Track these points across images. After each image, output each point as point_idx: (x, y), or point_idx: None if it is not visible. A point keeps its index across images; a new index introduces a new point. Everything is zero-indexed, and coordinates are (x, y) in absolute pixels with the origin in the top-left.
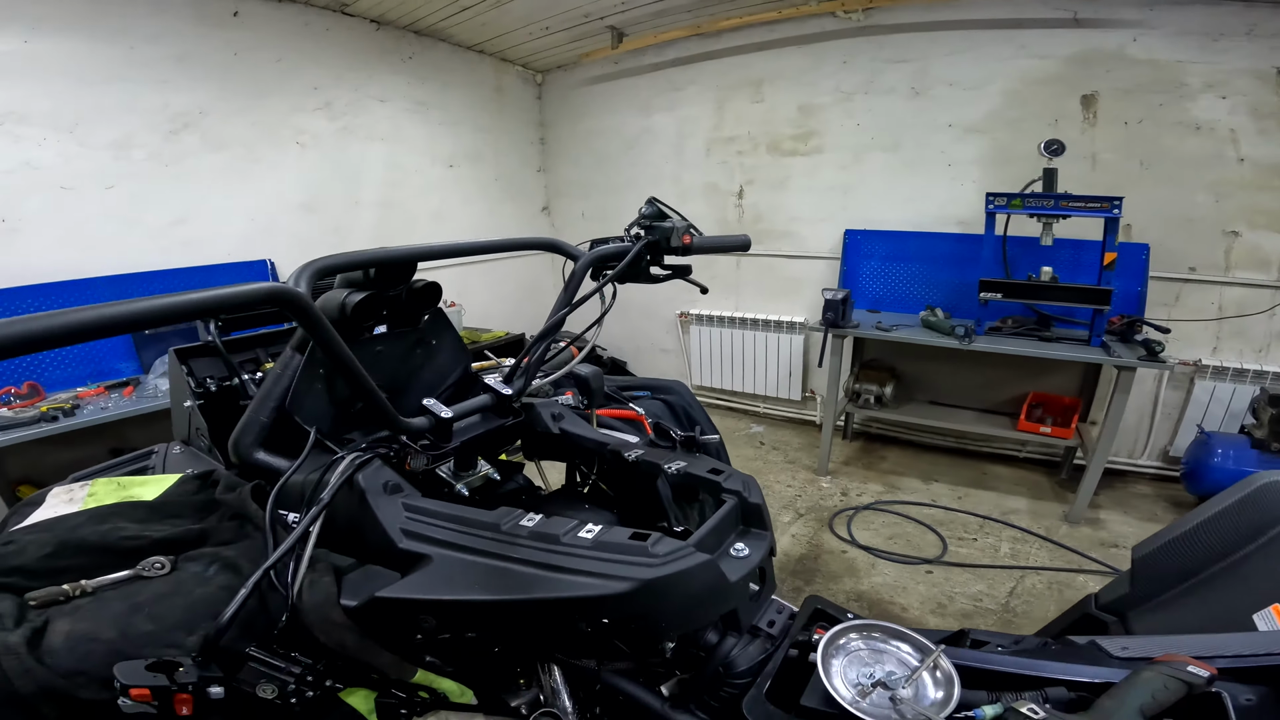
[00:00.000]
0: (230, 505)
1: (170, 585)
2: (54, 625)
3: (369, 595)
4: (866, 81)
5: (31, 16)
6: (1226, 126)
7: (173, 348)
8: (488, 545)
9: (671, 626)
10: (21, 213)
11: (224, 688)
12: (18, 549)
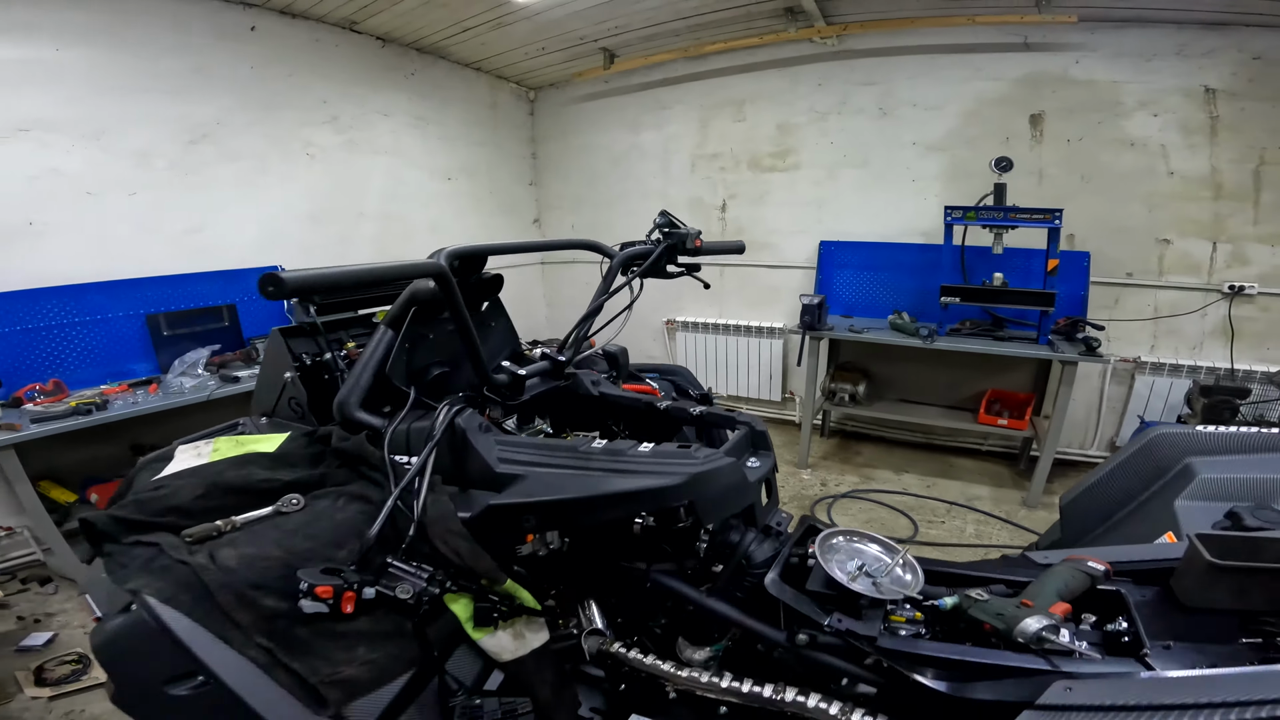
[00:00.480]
0: (347, 452)
1: (310, 516)
2: (220, 552)
3: (483, 505)
4: (839, 102)
5: (62, 26)
6: (1158, 142)
7: (276, 327)
8: (568, 461)
9: (711, 511)
10: (48, 217)
11: (375, 590)
12: (171, 492)
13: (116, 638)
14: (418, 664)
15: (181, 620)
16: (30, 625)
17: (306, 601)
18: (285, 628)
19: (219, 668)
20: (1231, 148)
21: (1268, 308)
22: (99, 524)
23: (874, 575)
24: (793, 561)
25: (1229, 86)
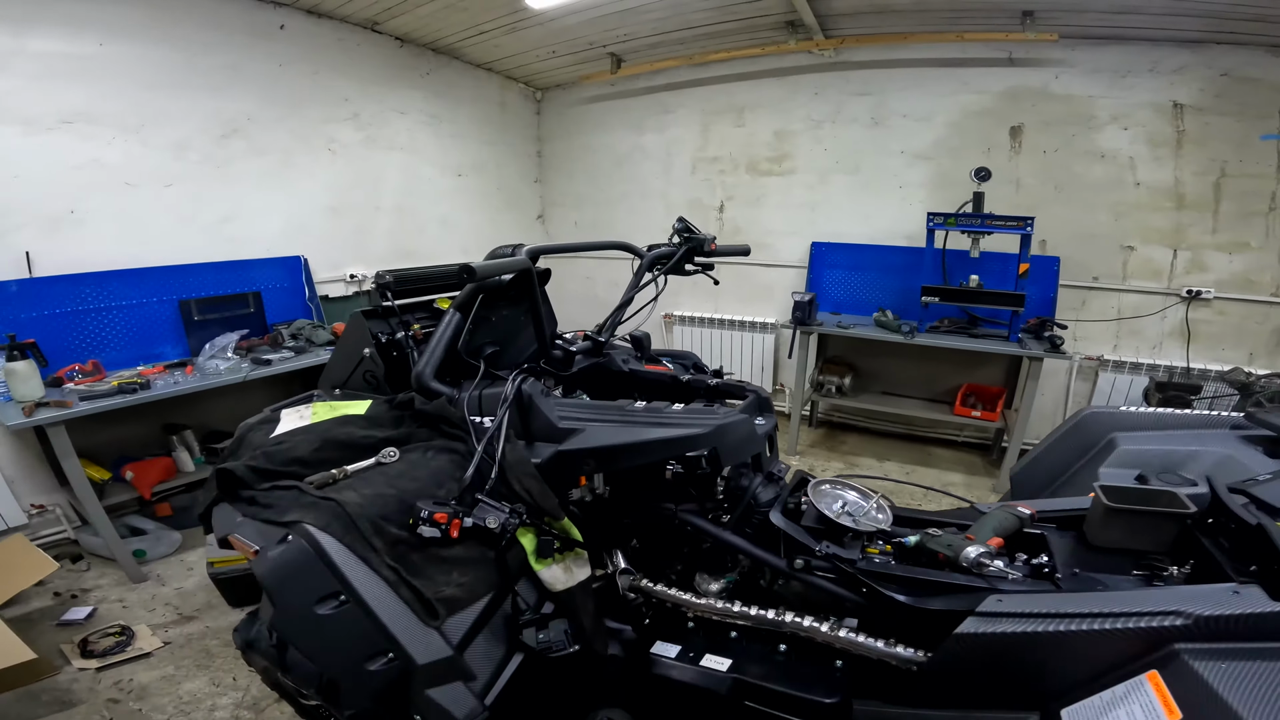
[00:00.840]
0: (428, 414)
1: (406, 465)
2: (344, 494)
3: (552, 452)
4: (834, 111)
5: (106, 22)
6: (1127, 154)
7: (358, 309)
8: (617, 417)
9: (729, 455)
10: (89, 206)
11: (472, 520)
12: (291, 446)
13: (280, 564)
14: (496, 588)
15: (334, 544)
16: (68, 600)
17: (425, 527)
18: (404, 553)
19: (358, 584)
20: (1195, 160)
21: (1223, 311)
22: (238, 472)
23: (854, 514)
24: (790, 505)
25: (1196, 102)
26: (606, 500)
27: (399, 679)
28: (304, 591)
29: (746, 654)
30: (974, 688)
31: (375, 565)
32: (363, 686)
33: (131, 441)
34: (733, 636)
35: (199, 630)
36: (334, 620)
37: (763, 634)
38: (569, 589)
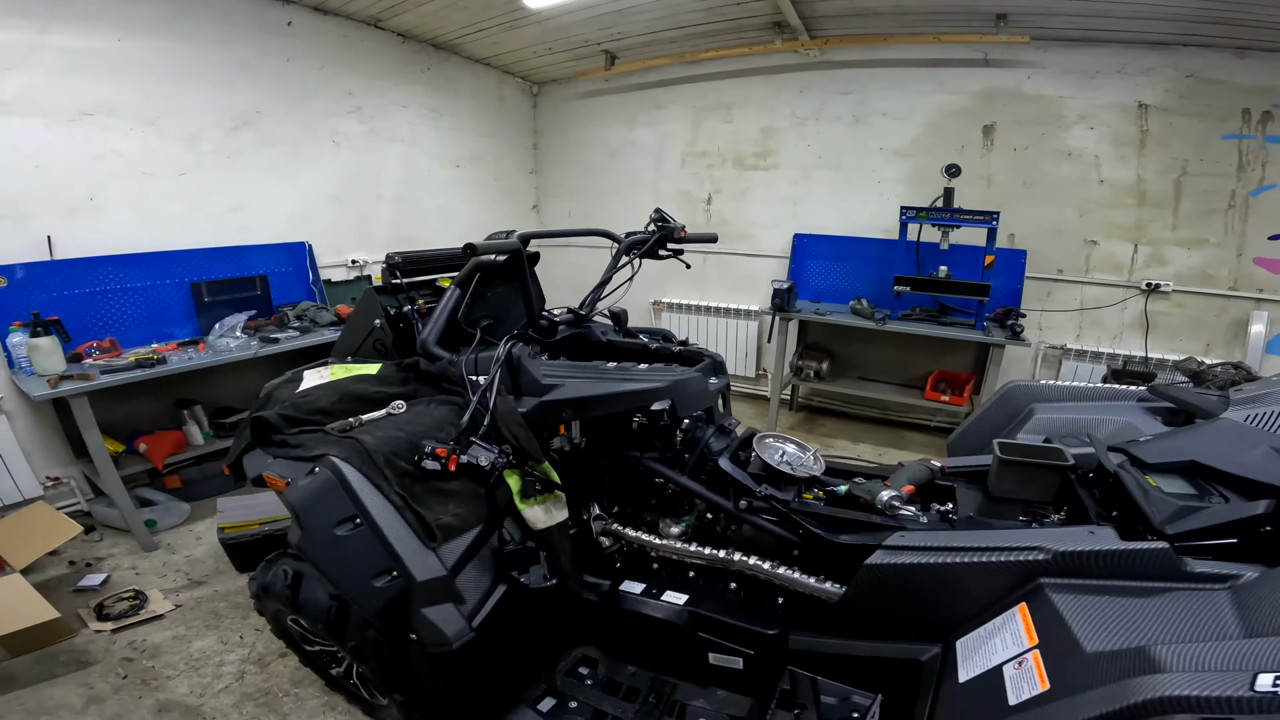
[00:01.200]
0: (432, 374)
1: (413, 414)
2: (361, 436)
3: (536, 402)
4: (817, 109)
5: (123, 18)
6: (1092, 153)
7: (370, 286)
8: (591, 375)
9: (685, 407)
10: (107, 194)
11: (467, 457)
12: (315, 399)
13: (309, 491)
14: (485, 521)
15: (354, 473)
16: (83, 569)
17: (429, 461)
18: (410, 484)
19: (372, 508)
20: (1157, 159)
21: (1181, 304)
22: (271, 419)
23: (792, 463)
24: (741, 457)
25: (1161, 102)
26: (583, 451)
27: (400, 596)
28: (326, 515)
29: (701, 591)
30: (886, 619)
31: (386, 492)
32: (370, 601)
33: (143, 417)
34: (690, 576)
35: (208, 594)
36: (350, 540)
37: (716, 573)
38: (549, 528)
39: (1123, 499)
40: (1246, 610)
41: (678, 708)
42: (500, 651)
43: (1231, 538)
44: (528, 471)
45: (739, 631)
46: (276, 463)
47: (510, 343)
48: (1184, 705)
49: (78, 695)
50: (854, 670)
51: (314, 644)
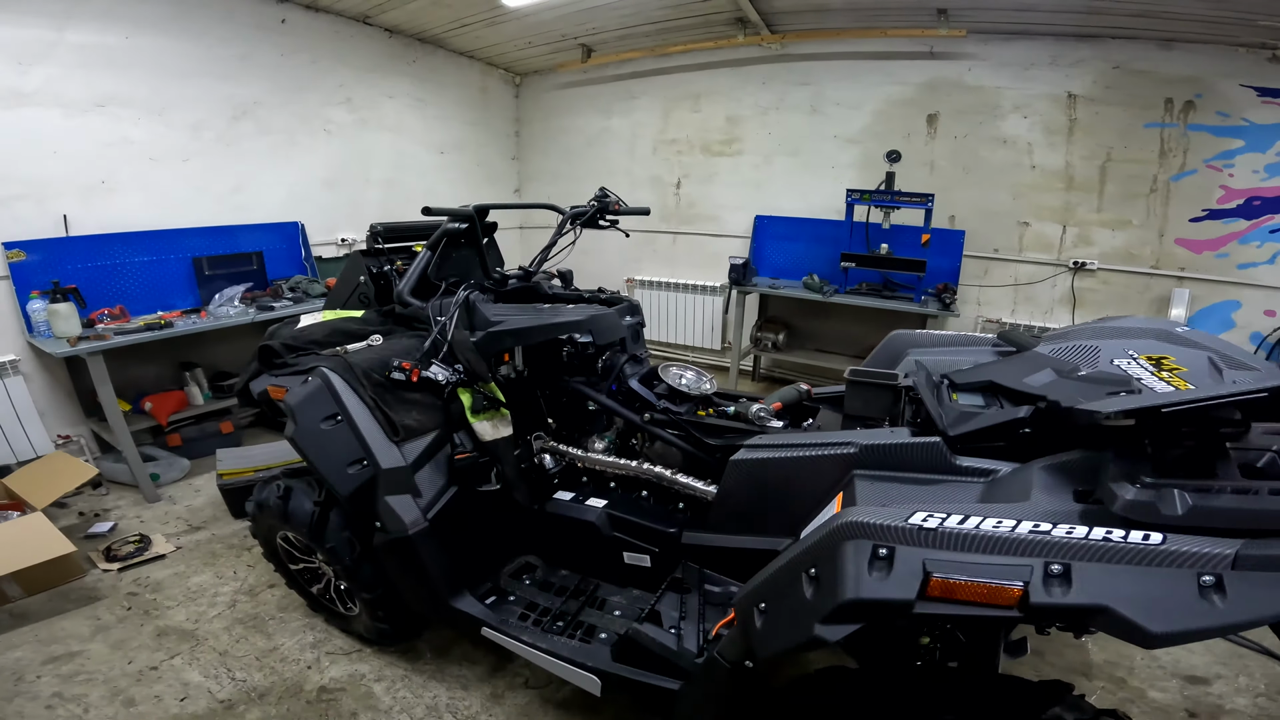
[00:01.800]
0: (406, 316)
1: (387, 345)
2: (350, 358)
3: (484, 333)
4: (778, 100)
5: (133, 17)
6: (1025, 141)
7: (357, 249)
8: (529, 313)
9: (602, 337)
10: (118, 177)
11: (427, 372)
12: (309, 332)
13: (303, 394)
14: (441, 427)
15: (338, 380)
16: (91, 519)
17: (396, 373)
18: (381, 392)
19: (350, 408)
20: (1084, 146)
21: (1106, 280)
22: (274, 346)
23: (689, 385)
24: (653, 384)
25: (1089, 92)
26: (525, 379)
27: (369, 483)
28: (315, 413)
29: (618, 498)
30: (752, 514)
31: (362, 396)
32: (346, 484)
33: (148, 379)
34: (611, 487)
35: (206, 537)
36: (332, 433)
37: (631, 483)
38: (495, 440)
39: (921, 407)
40: (985, 498)
41: (599, 600)
42: (452, 546)
43: (1001, 440)
44: (477, 390)
45: (645, 530)
46: (278, 378)
47: (467, 290)
48: (860, 530)
49: (86, 626)
50: (734, 562)
51: (298, 562)
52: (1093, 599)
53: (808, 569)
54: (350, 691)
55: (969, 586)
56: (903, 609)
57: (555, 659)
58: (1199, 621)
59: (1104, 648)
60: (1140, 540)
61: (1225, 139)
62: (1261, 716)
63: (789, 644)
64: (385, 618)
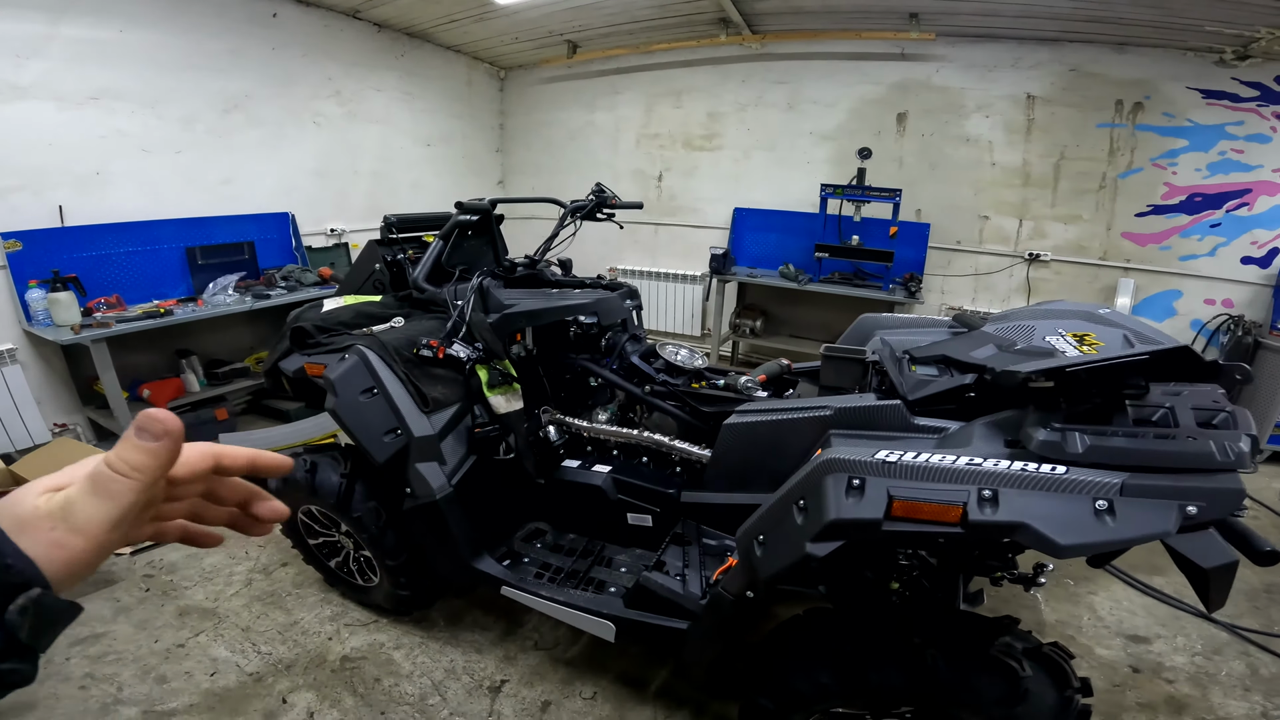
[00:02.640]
0: (422, 300)
1: (409, 326)
2: (381, 337)
3: (500, 314)
4: (757, 97)
5: (126, 12)
6: (986, 139)
7: (371, 239)
8: (540, 296)
9: (606, 318)
10: (112, 168)
11: (450, 350)
12: (337, 315)
13: (343, 371)
14: (463, 400)
15: (374, 357)
16: None
17: (424, 350)
18: (411, 368)
19: (386, 381)
20: (1040, 145)
21: (1059, 271)
22: (307, 327)
23: (683, 360)
24: (650, 360)
25: (1046, 94)
26: (535, 357)
27: (401, 451)
28: (354, 386)
29: (621, 464)
30: (743, 473)
31: (395, 371)
32: (382, 451)
33: (143, 368)
34: (614, 454)
35: None
36: (369, 405)
37: (632, 450)
38: (508, 413)
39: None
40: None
41: (607, 559)
42: (473, 511)
43: (951, 403)
44: (493, 367)
45: (647, 492)
46: (313, 356)
47: (481, 276)
48: (838, 466)
49: (107, 608)
50: (728, 517)
51: (317, 536)
52: (1014, 517)
53: (797, 501)
54: (372, 659)
55: (922, 506)
56: (873, 526)
57: (573, 609)
58: (1095, 536)
59: (1055, 608)
60: (1049, 471)
61: (1170, 139)
62: (1199, 674)
63: (786, 563)
64: (407, 584)
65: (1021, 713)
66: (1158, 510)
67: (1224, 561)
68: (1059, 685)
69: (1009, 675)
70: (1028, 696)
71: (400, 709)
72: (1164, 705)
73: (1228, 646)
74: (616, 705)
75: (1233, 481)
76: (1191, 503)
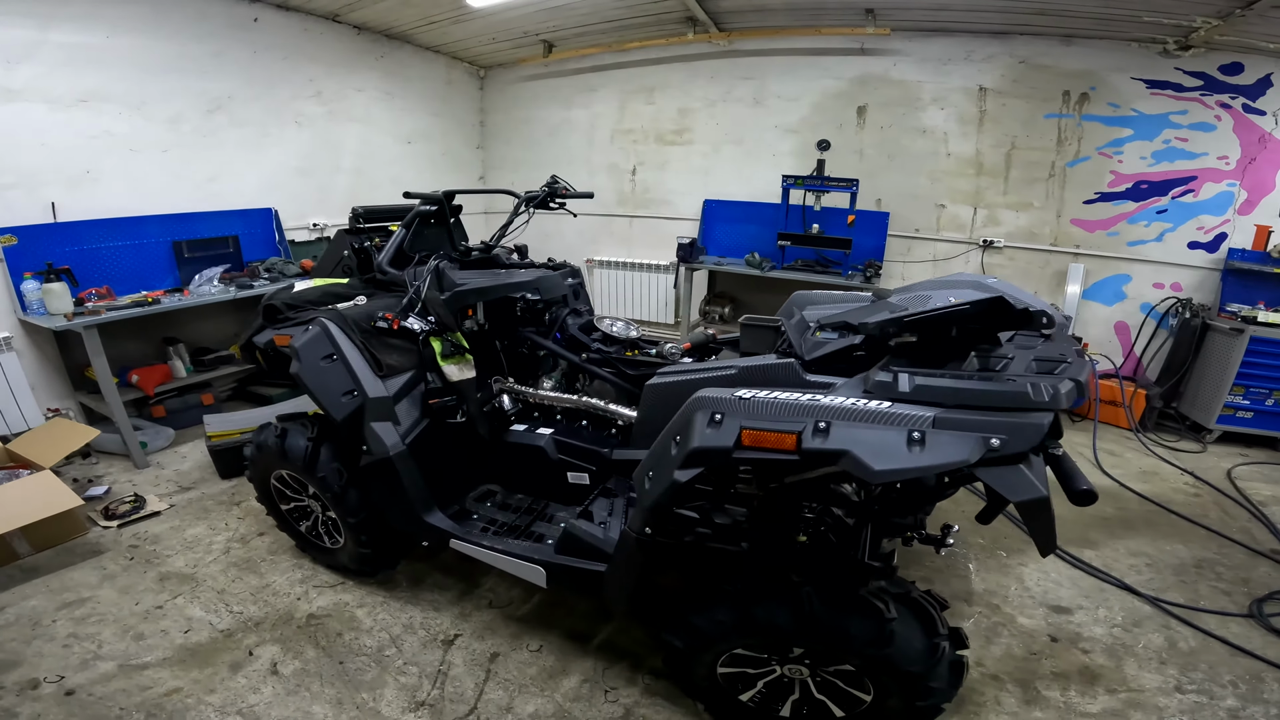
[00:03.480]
0: (384, 282)
1: (371, 303)
2: (342, 311)
3: (451, 292)
4: (725, 93)
5: (111, 18)
6: (941, 130)
7: (341, 229)
8: (488, 275)
9: (547, 293)
10: (101, 167)
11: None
12: (306, 294)
13: (306, 339)
14: (416, 368)
15: (334, 327)
16: (85, 484)
17: (380, 322)
18: (368, 337)
19: (344, 348)
20: (992, 135)
21: (1012, 257)
22: (277, 304)
23: (620, 331)
24: (590, 333)
25: (997, 86)
26: (487, 331)
27: (357, 411)
28: (315, 353)
29: (564, 427)
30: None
31: (353, 339)
32: (340, 410)
33: (132, 355)
34: (558, 418)
35: (197, 495)
36: (329, 369)
37: (574, 415)
38: (460, 381)
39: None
40: None
41: (549, 516)
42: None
43: (843, 362)
44: (446, 339)
45: (584, 451)
46: (282, 329)
47: (438, 259)
48: (705, 403)
49: (93, 575)
50: None
51: (289, 501)
52: (839, 445)
53: (675, 436)
54: (336, 616)
55: (765, 435)
56: (725, 453)
57: (508, 556)
58: (905, 464)
59: (985, 579)
60: (875, 406)
61: (1115, 128)
62: (1115, 645)
63: (661, 490)
64: (368, 542)
65: (891, 655)
66: (962, 441)
67: (1030, 496)
68: (927, 631)
69: (877, 617)
70: (894, 639)
71: (358, 659)
72: (1077, 675)
73: (1149, 620)
74: (560, 657)
75: (1036, 418)
76: (995, 435)
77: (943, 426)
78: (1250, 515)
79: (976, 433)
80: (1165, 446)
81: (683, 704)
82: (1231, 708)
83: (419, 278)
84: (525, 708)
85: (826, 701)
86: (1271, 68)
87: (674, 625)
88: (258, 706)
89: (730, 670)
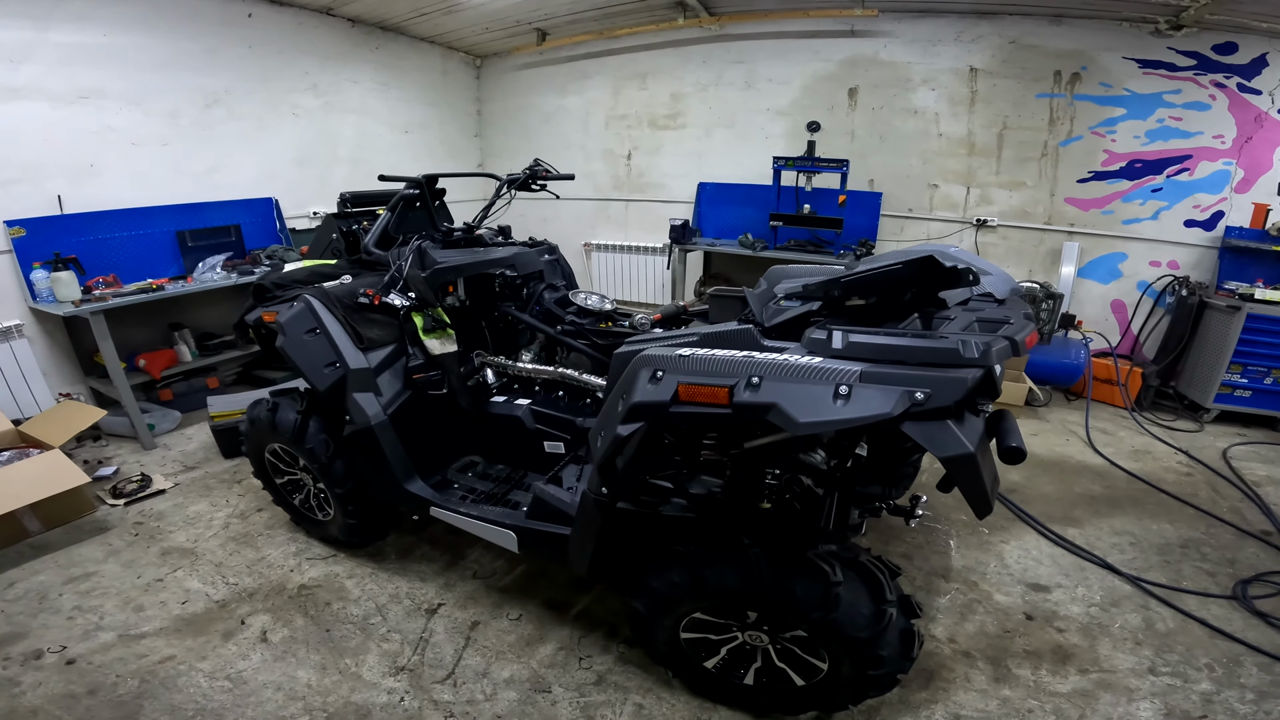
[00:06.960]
0: (369, 262)
1: (356, 281)
2: (326, 288)
3: (433, 268)
4: (717, 77)
5: (108, 17)
6: (933, 111)
7: (329, 213)
8: (468, 253)
9: (523, 269)
10: (104, 161)
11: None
12: (294, 275)
13: (291, 314)
14: (398, 342)
15: (317, 302)
16: (95, 465)
17: (362, 298)
18: (350, 313)
19: (327, 322)
20: (983, 115)
21: (1005, 236)
22: (266, 284)
23: (594, 305)
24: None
25: (987, 66)
26: (468, 308)
27: (340, 381)
28: (300, 326)
29: (541, 398)
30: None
31: (336, 314)
32: (323, 380)
33: (139, 341)
34: (536, 389)
35: (200, 475)
36: (313, 342)
37: (551, 386)
38: (442, 355)
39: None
40: None
41: (526, 485)
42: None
43: (800, 329)
44: (427, 314)
45: (559, 420)
46: (269, 306)
47: (419, 239)
48: (648, 361)
49: (99, 551)
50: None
51: (283, 475)
52: (768, 399)
53: (623, 394)
54: (326, 587)
55: (700, 390)
56: (663, 408)
57: (483, 522)
58: (829, 415)
59: (965, 555)
60: (805, 360)
61: (1108, 107)
62: (1091, 624)
63: (606, 446)
64: (354, 512)
65: (838, 619)
66: (885, 395)
67: (955, 452)
68: (874, 596)
69: (823, 579)
70: (839, 603)
71: (344, 627)
72: (1050, 654)
73: (1127, 599)
74: (538, 625)
75: (961, 374)
76: (919, 389)
77: (870, 381)
78: (1242, 495)
79: (902, 386)
80: (1162, 425)
81: (654, 671)
82: (1205, 691)
83: (402, 257)
84: (501, 673)
85: (788, 670)
86: (1266, 47)
87: (635, 590)
88: (245, 671)
89: (693, 636)
